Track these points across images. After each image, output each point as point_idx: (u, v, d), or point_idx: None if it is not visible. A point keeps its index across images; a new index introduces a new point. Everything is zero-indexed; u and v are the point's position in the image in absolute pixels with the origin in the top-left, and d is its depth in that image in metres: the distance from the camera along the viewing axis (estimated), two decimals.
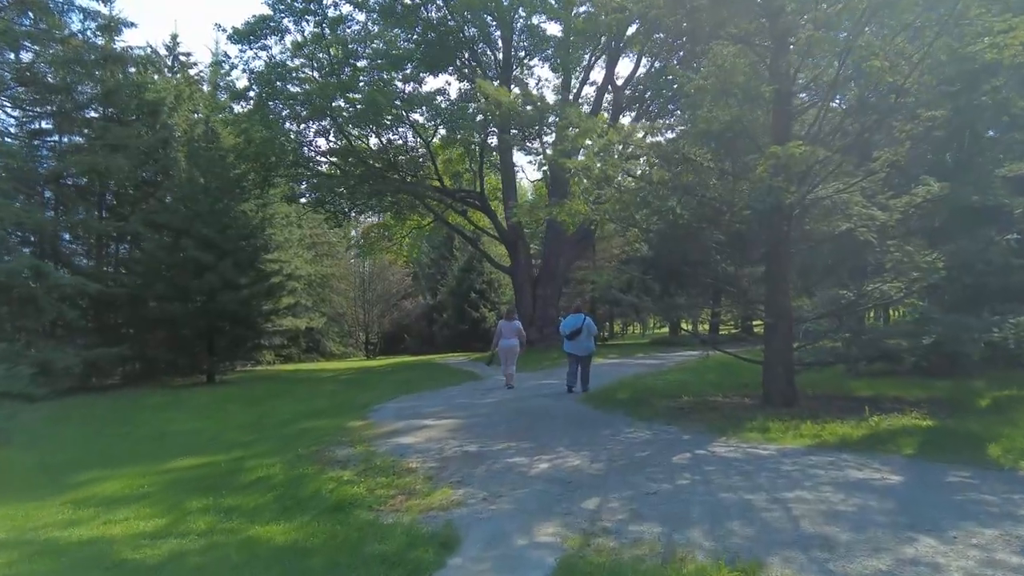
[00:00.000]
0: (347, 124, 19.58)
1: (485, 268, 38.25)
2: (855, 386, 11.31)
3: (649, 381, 13.03)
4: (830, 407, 9.09)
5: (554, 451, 6.64)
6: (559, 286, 25.38)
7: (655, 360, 18.84)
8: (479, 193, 24.18)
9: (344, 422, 9.41)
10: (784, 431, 7.26)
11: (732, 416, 8.52)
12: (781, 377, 9.37)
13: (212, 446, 8.34)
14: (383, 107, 17.32)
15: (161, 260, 17.16)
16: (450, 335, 38.86)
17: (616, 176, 8.79)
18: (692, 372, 14.70)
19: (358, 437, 8.09)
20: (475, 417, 9.19)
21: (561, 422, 8.48)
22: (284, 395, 14.02)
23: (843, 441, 6.60)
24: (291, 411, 11.35)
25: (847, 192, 9.18)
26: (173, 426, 10.41)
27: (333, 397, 13.11)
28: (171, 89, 23.99)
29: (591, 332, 11.19)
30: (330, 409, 11.14)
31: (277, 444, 8.00)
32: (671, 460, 6.17)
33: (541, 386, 12.95)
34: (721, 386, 11.72)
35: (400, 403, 11.36)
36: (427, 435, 7.96)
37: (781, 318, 9.32)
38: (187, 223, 16.67)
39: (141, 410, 12.66)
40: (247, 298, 17.21)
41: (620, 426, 8.08)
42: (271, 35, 20.29)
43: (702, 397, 10.70)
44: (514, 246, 24.97)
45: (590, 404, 10.14)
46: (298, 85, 18.62)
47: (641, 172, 8.97)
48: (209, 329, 17.14)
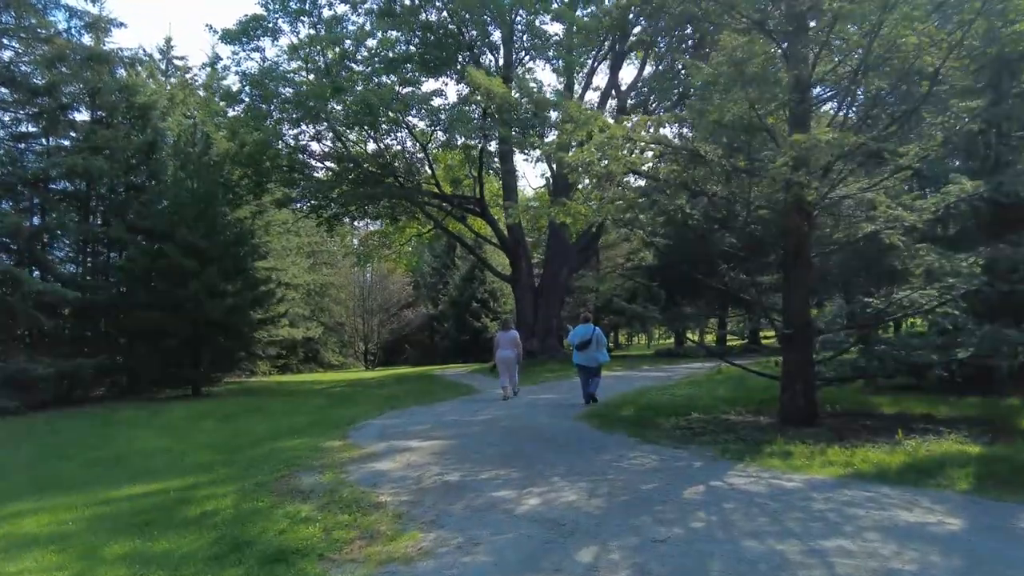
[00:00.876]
0: (341, 126, 18.83)
1: (487, 277, 37.47)
2: (877, 402, 10.41)
3: (655, 396, 12.16)
4: (855, 427, 8.23)
5: (547, 481, 5.79)
6: (562, 296, 24.53)
7: (661, 373, 17.96)
8: (479, 199, 23.41)
9: (321, 442, 8.58)
10: (809, 457, 6.40)
11: (748, 438, 7.66)
12: (800, 394, 8.51)
13: (170, 470, 7.51)
14: (376, 108, 16.59)
15: (144, 267, 16.37)
16: (451, 345, 38.03)
17: (620, 173, 7.98)
18: (701, 386, 13.82)
19: (331, 461, 7.25)
20: (463, 438, 8.34)
21: (557, 445, 7.62)
22: (267, 410, 13.20)
23: (880, 471, 5.72)
24: (269, 428, 10.52)
25: (873, 190, 8.36)
26: (137, 445, 9.59)
27: (318, 412, 12.28)
28: (163, 92, 23.43)
29: (601, 343, 10.85)
30: (311, 426, 10.31)
31: (240, 468, 7.17)
32: (682, 494, 5.30)
33: (539, 401, 12.10)
34: (733, 402, 10.86)
35: (386, 420, 10.53)
36: (407, 459, 7.11)
37: (800, 329, 8.48)
38: (171, 228, 15.92)
39: (110, 427, 11.85)
40: (233, 307, 16.39)
41: (623, 450, 7.22)
42: (264, 36, 19.65)
43: (713, 415, 9.84)
44: (515, 254, 24.15)
45: (590, 423, 9.28)
46: (291, 87, 17.91)
47: (647, 168, 8.16)
48: (194, 339, 16.34)
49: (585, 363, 10.83)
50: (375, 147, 21.93)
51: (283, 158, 20.26)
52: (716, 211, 8.23)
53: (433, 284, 43.19)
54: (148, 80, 24.06)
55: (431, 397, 13.74)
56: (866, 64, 7.64)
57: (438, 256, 44.47)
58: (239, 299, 16.67)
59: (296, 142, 20.24)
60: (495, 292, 38.14)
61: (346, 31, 19.14)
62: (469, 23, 21.55)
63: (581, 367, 10.93)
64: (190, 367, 16.62)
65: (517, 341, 12.69)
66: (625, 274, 15.07)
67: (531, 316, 23.36)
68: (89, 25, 17.23)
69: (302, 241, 33.98)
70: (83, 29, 17.24)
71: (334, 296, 39.05)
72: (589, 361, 10.81)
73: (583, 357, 10.81)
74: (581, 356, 10.82)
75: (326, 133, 19.72)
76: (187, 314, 15.66)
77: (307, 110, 17.35)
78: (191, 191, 16.43)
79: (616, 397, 11.94)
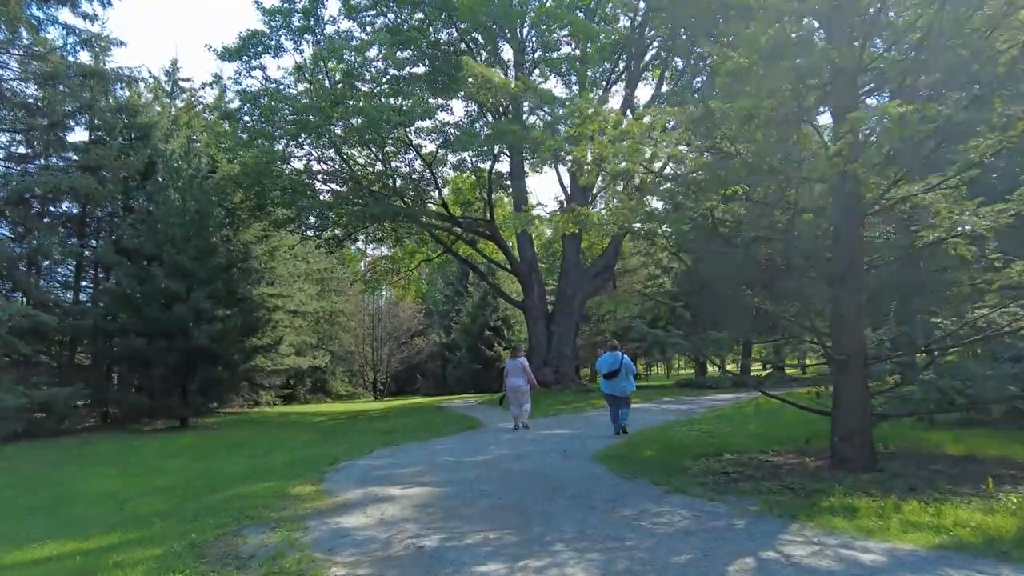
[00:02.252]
0: (341, 143, 17.88)
1: (500, 304, 36.31)
2: (935, 440, 8.97)
3: (680, 433, 10.82)
4: (924, 473, 6.83)
5: (548, 551, 4.49)
6: (576, 322, 23.22)
7: (683, 405, 16.58)
8: (489, 221, 22.36)
9: (292, 486, 7.36)
10: (881, 515, 5.06)
11: (797, 486, 6.33)
12: (856, 432, 7.15)
13: (101, 522, 6.31)
14: (377, 121, 15.68)
15: (129, 290, 15.38)
16: (463, 375, 36.71)
17: (637, 172, 6.81)
18: (730, 421, 12.44)
19: (292, 512, 6.02)
20: (455, 484, 7.06)
21: (566, 496, 6.32)
22: (250, 445, 12.02)
23: (987, 539, 4.37)
24: (243, 468, 9.31)
25: (934, 191, 7.10)
26: (85, 487, 8.43)
27: (304, 449, 11.07)
28: (166, 114, 22.92)
29: (629, 371, 10.56)
30: (289, 466, 9.09)
31: (182, 522, 5.95)
32: (726, 571, 4.00)
33: (550, 438, 10.77)
34: (769, 440, 9.53)
35: (374, 460, 9.27)
36: (382, 513, 5.85)
37: (855, 355, 7.15)
38: (158, 249, 14.98)
39: (71, 464, 10.70)
40: (223, 333, 15.27)
41: (646, 502, 5.91)
42: (265, 53, 18.99)
43: (748, 455, 8.52)
44: (527, 279, 23.00)
45: (607, 465, 7.96)
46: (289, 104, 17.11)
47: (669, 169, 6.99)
48: (181, 368, 15.23)
49: (613, 392, 10.47)
50: (382, 168, 21.06)
51: (284, 179, 19.43)
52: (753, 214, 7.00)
53: (446, 312, 42.07)
54: (153, 102, 23.64)
55: (431, 432, 12.47)
56: (927, 43, 6.45)
57: (451, 283, 43.46)
58: (229, 324, 15.55)
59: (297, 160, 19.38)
60: (508, 319, 36.93)
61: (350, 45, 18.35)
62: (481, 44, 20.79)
63: (609, 396, 10.59)
64: (177, 397, 15.49)
65: (527, 368, 12.10)
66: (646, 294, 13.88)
67: (544, 344, 22.11)
68: (85, 42, 16.62)
69: (310, 268, 33.15)
70: (79, 46, 16.63)
71: (343, 324, 38.08)
72: (617, 390, 10.44)
73: (611, 386, 10.48)
74: (609, 385, 10.51)
75: (327, 151, 18.83)
76: (173, 341, 14.59)
77: (305, 126, 16.50)
78: (181, 211, 15.53)
79: (637, 434, 10.61)
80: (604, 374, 10.52)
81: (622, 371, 10.39)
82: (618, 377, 10.38)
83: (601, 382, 10.78)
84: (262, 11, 18.67)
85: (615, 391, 10.48)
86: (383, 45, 18.01)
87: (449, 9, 19.07)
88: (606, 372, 10.47)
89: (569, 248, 22.91)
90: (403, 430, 13.05)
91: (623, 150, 6.62)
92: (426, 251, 27.29)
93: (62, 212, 18.57)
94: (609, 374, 10.43)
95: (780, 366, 33.23)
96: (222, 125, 18.86)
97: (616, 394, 10.48)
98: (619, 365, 10.40)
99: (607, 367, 10.48)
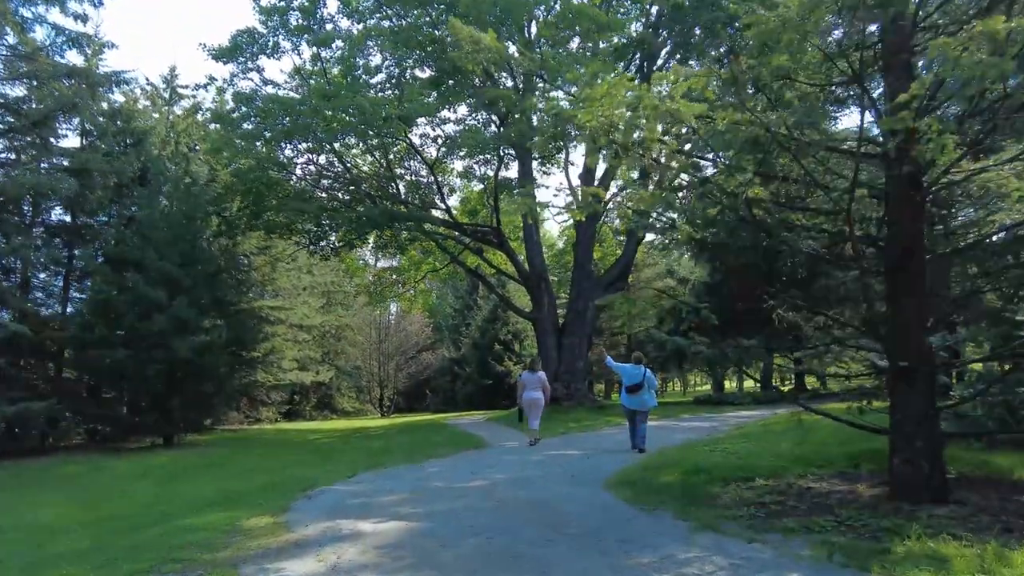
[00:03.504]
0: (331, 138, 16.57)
1: (510, 318, 35.14)
2: (1005, 464, 7.67)
3: (703, 453, 9.58)
4: (1012, 506, 5.59)
5: None
6: (589, 335, 22.00)
7: (703, 422, 15.33)
8: (496, 228, 21.29)
9: (249, 517, 6.25)
10: (984, 568, 3.85)
11: (856, 522, 5.13)
12: (923, 455, 5.90)
13: (3, 565, 5.24)
14: (371, 115, 14.70)
15: (108, 298, 14.41)
16: (472, 391, 35.46)
17: (655, 142, 5.69)
18: (757, 439, 11.14)
19: (232, 554, 4.91)
20: (439, 518, 5.90)
21: (570, 535, 5.14)
22: (228, 466, 10.97)
23: None
24: (207, 492, 8.23)
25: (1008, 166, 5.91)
26: (16, 517, 7.36)
27: (283, 471, 9.97)
28: (163, 120, 22.26)
29: (652, 386, 10.27)
30: (257, 491, 7.99)
31: (94, 566, 4.85)
32: None
33: (557, 459, 9.58)
34: (805, 461, 8.30)
35: (355, 484, 8.14)
36: (338, 557, 4.71)
37: (920, 362, 5.93)
38: (139, 254, 14.04)
39: (15, 488, 9.66)
40: (206, 345, 14.21)
41: (669, 544, 4.73)
42: (261, 54, 18.19)
43: (786, 480, 7.32)
44: (537, 289, 21.85)
45: (622, 494, 6.78)
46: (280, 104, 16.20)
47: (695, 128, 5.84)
48: (163, 382, 14.18)
49: (634, 407, 10.10)
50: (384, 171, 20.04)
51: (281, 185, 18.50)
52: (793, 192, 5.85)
53: (455, 326, 40.93)
54: (151, 109, 23.00)
55: (427, 452, 11.31)
56: None
57: (460, 297, 42.37)
58: (214, 336, 14.49)
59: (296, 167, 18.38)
60: (519, 333, 35.72)
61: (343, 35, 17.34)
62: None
63: (630, 411, 10.24)
64: (158, 413, 14.41)
65: (545, 383, 11.85)
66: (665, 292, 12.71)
67: (555, 358, 20.89)
68: (73, 41, 15.89)
69: (315, 280, 32.28)
70: (68, 45, 15.89)
71: (350, 339, 37.09)
72: (638, 404, 10.07)
73: (633, 400, 10.11)
74: (631, 399, 10.14)
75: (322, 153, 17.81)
76: (153, 353, 13.57)
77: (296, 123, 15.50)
78: (166, 214, 14.60)
79: (655, 455, 9.40)
80: (626, 387, 10.16)
81: (645, 384, 10.02)
82: (640, 391, 10.00)
83: (621, 395, 10.40)
84: (258, 9, 17.90)
85: (636, 405, 10.08)
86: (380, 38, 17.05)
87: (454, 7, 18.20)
88: (628, 385, 10.10)
89: (581, 256, 21.80)
90: (398, 450, 11.91)
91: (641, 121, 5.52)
92: (432, 262, 26.29)
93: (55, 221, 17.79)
94: (632, 387, 10.06)
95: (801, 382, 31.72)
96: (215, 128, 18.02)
97: (637, 408, 10.08)
98: (642, 378, 10.00)
99: (629, 380, 10.10)
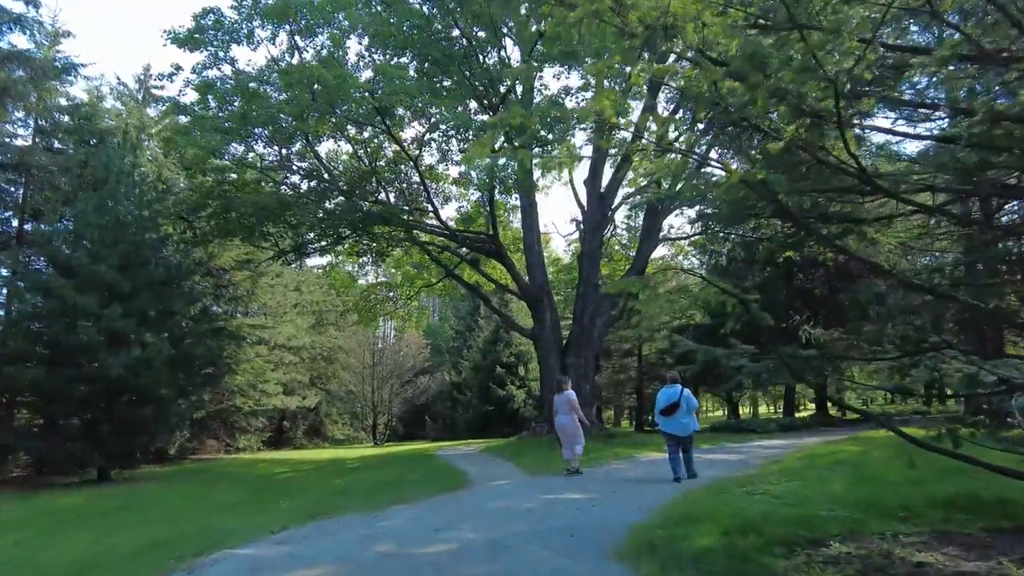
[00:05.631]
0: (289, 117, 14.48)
1: (514, 339, 32.99)
2: None
3: (742, 499, 7.43)
4: None
5: None
6: (595, 354, 19.81)
7: (728, 454, 13.17)
8: (492, 235, 19.28)
9: None
10: None
11: None
12: None
13: None
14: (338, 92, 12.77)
15: (31, 307, 12.38)
16: (473, 417, 33.15)
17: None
18: (801, 477, 8.94)
19: None
20: None
21: None
22: (139, 510, 8.93)
23: None
24: (75, 552, 6.11)
25: None
26: None
27: (195, 520, 7.87)
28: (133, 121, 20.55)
29: (691, 407, 9.41)
30: (133, 554, 5.89)
31: None
32: None
33: (553, 508, 7.41)
34: (880, 510, 6.27)
35: (271, 547, 6.01)
36: None
37: None
38: (68, 256, 12.06)
39: None
40: (143, 362, 12.08)
41: None
42: (234, 43, 16.39)
43: (871, 542, 5.27)
44: (539, 304, 19.74)
45: (642, 569, 4.63)
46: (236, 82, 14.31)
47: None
48: (92, 405, 12.04)
49: (673, 432, 9.27)
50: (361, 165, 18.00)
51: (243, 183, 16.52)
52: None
53: (456, 348, 38.72)
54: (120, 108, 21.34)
55: (395, 494, 9.13)
56: None
57: (462, 317, 40.28)
58: (153, 352, 12.36)
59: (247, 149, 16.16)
60: (523, 356, 33.54)
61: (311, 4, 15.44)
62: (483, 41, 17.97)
63: (669, 436, 9.37)
64: (88, 442, 12.22)
65: (575, 403, 10.72)
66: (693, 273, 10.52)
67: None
68: (15, 21, 14.19)
69: (303, 298, 30.34)
70: (8, 26, 14.18)
71: (343, 361, 34.97)
72: (678, 429, 9.25)
73: (670, 424, 9.30)
74: (667, 423, 9.34)
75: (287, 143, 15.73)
76: (80, 370, 11.48)
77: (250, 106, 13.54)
78: (103, 211, 12.64)
79: (682, 502, 7.23)
80: (660, 410, 9.37)
81: (682, 405, 9.18)
82: (677, 413, 9.16)
83: (659, 419, 9.53)
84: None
85: (674, 429, 9.27)
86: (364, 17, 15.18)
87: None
88: (662, 407, 9.31)
89: (587, 269, 19.72)
90: (359, 490, 9.73)
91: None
92: (428, 277, 24.24)
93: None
94: (666, 409, 9.27)
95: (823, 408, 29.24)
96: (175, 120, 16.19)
97: (676, 433, 9.25)
98: (678, 399, 9.19)
99: (664, 401, 9.32)
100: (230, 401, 23.53)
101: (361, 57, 16.86)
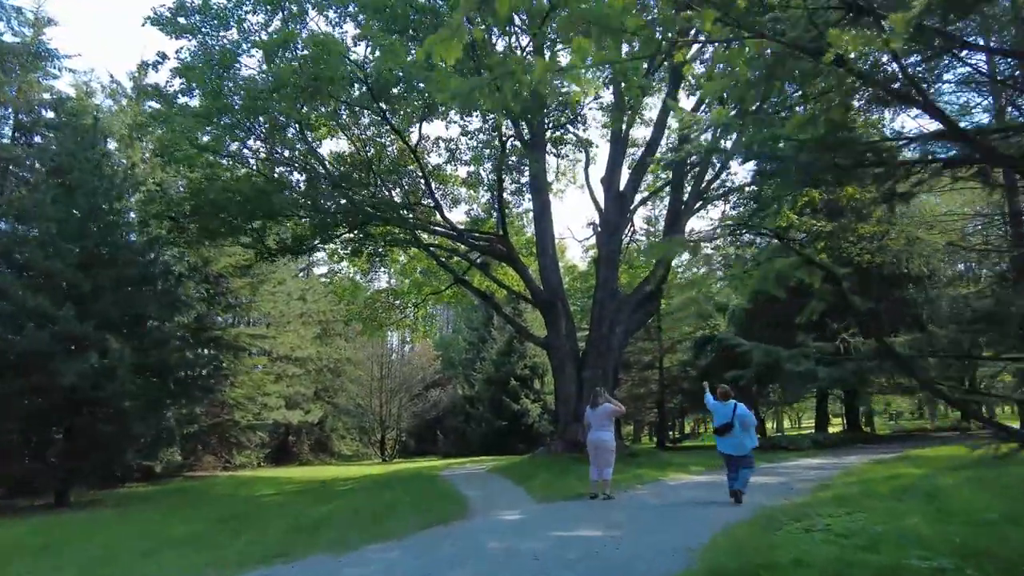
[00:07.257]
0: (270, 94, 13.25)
1: (528, 351, 31.50)
2: None
3: (799, 537, 5.95)
4: None
5: None
6: (614, 365, 18.25)
7: (766, 476, 11.79)
8: (502, 236, 17.91)
9: None
10: None
11: None
12: None
13: None
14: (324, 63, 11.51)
15: None
16: (485, 432, 31.56)
17: None
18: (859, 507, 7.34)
19: None
20: None
21: None
22: (54, 549, 7.50)
23: None
24: None
25: None
26: None
27: (127, 564, 6.48)
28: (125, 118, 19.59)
29: (747, 424, 8.87)
30: None
31: None
32: None
33: (563, 549, 5.93)
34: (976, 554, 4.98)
35: None
36: None
37: None
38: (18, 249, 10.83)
39: None
40: (103, 371, 10.66)
41: None
42: (223, 29, 15.29)
43: None
44: (552, 310, 18.29)
45: None
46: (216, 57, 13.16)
47: None
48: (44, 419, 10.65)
49: (730, 451, 8.83)
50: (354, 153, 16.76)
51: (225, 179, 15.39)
52: None
53: (469, 360, 37.25)
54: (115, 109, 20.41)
55: (377, 526, 7.69)
56: None
57: (475, 328, 38.88)
58: (115, 359, 10.96)
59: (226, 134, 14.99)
60: (537, 368, 32.02)
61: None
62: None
63: (726, 456, 8.93)
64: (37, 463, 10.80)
65: (619, 412, 10.03)
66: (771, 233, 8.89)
67: (574, 393, 17.20)
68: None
69: (308, 307, 29.15)
70: None
71: (350, 374, 33.68)
72: (734, 448, 8.79)
73: (725, 443, 8.87)
74: (723, 442, 8.91)
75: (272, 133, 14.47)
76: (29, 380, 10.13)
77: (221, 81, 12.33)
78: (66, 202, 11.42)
79: (724, 543, 5.76)
80: (715, 428, 9.05)
81: (736, 423, 8.69)
82: (733, 431, 8.71)
83: (716, 439, 9.12)
84: None
85: (729, 449, 8.83)
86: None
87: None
88: (717, 426, 8.94)
89: (604, 274, 18.23)
90: (338, 521, 8.30)
91: None
92: (436, 284, 22.89)
93: None
94: (721, 428, 8.85)
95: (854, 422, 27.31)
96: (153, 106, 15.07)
97: (733, 453, 8.82)
98: (731, 416, 8.73)
99: (719, 420, 8.89)
100: (227, 415, 22.28)
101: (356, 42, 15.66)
